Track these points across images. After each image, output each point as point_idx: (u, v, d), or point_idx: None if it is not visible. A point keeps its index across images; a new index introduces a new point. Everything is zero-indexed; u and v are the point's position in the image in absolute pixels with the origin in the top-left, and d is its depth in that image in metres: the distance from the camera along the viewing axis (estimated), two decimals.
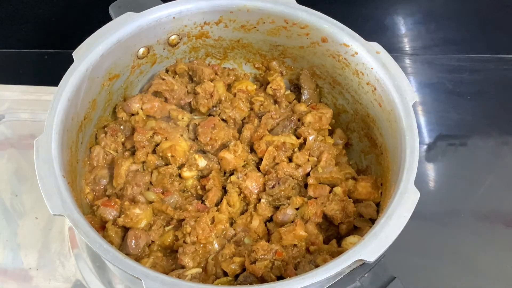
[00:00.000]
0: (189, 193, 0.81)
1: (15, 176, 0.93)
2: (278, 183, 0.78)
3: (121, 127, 0.85)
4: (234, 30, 0.87)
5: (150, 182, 0.80)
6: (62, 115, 0.70)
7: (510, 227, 0.91)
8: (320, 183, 0.79)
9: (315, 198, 0.78)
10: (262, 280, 0.68)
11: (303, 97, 0.91)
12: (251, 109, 0.90)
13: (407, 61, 1.15)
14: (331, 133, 0.90)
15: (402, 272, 0.66)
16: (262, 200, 0.78)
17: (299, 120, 0.86)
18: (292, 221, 0.75)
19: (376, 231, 0.62)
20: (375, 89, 0.78)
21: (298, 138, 0.84)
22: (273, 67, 0.94)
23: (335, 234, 0.78)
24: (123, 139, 0.85)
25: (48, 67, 1.11)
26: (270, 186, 0.78)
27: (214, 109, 0.88)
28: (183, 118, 0.85)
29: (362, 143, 0.88)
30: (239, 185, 0.79)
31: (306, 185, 0.80)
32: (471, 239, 0.89)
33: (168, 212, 0.76)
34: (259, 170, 0.82)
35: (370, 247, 0.61)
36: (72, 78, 0.73)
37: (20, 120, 0.99)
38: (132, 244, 0.72)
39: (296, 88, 0.95)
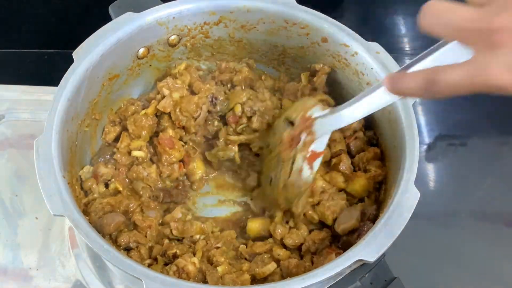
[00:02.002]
0: None
1: (15, 176, 0.92)
2: None
3: None
4: (234, 30, 0.87)
5: None
6: (62, 115, 0.70)
7: (510, 227, 0.91)
8: None
9: None
10: None
11: None
12: None
13: (407, 61, 1.14)
14: None
15: (402, 272, 0.66)
16: None
17: None
18: None
19: (376, 231, 0.62)
20: None
21: None
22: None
23: None
24: None
25: (48, 67, 1.10)
26: None
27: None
28: None
29: None
30: None
31: None
32: (471, 239, 0.89)
33: None
34: None
35: (370, 247, 0.61)
36: (72, 78, 0.73)
37: (20, 120, 0.99)
38: None
39: None
